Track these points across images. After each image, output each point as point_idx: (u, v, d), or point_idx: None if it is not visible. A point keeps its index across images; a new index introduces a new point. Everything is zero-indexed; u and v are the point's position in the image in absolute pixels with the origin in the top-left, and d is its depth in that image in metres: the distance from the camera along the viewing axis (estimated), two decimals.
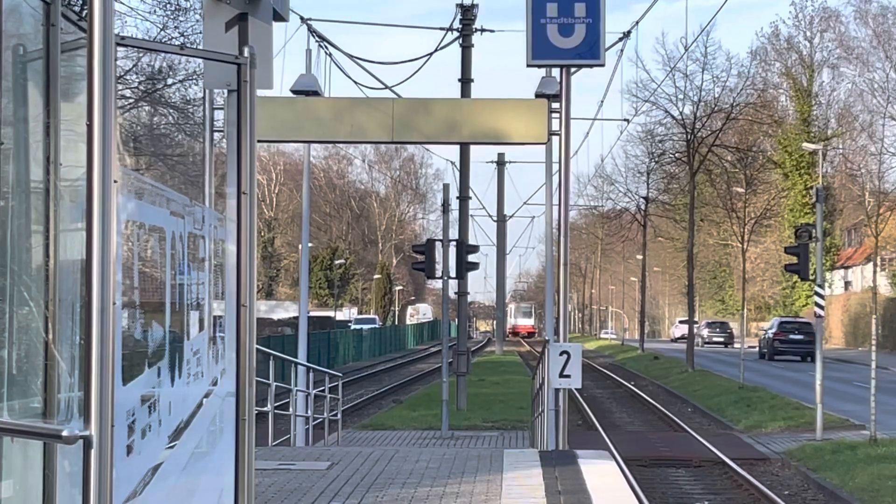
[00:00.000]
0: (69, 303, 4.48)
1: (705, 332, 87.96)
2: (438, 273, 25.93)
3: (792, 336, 64.07)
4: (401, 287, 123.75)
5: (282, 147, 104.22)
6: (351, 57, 35.23)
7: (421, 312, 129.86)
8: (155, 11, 35.07)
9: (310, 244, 36.26)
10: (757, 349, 69.73)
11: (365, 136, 19.69)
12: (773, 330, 65.64)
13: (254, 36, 9.42)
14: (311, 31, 30.34)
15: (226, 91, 10.34)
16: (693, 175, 52.64)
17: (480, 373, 51.39)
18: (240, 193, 5.13)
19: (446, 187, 26.98)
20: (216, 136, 16.72)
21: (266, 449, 16.89)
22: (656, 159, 61.69)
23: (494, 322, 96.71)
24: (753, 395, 37.07)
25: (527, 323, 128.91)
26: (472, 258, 27.77)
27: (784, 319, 68.75)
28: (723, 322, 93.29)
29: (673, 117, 55.58)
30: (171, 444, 4.99)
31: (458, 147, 38.10)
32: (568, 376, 16.68)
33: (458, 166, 39.26)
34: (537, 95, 21.30)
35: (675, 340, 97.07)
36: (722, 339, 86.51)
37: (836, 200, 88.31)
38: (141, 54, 33.65)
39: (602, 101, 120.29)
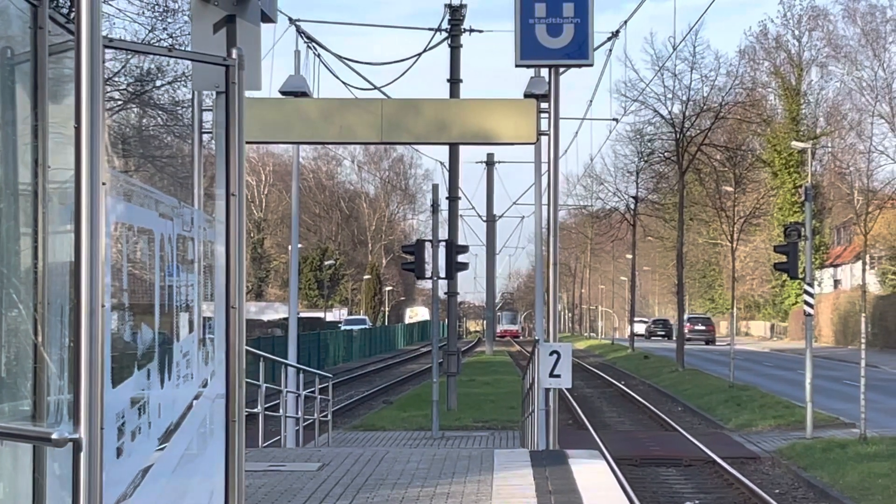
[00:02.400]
0: (58, 305, 4.48)
1: (652, 327, 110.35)
2: (428, 273, 25.92)
3: (696, 327, 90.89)
4: (391, 287, 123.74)
5: (271, 148, 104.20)
6: (339, 58, 35.21)
7: (420, 315, 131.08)
8: (143, 13, 35.04)
9: (299, 245, 36.26)
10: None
11: (354, 137, 19.68)
12: (685, 323, 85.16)
13: (242, 37, 9.41)
14: (300, 32, 30.33)
15: (214, 93, 10.34)
16: (682, 174, 52.67)
17: (471, 373, 51.39)
18: (228, 195, 5.13)
19: (435, 188, 26.98)
20: (205, 137, 16.71)
21: (256, 450, 16.88)
22: (645, 158, 61.72)
23: (484, 322, 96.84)
24: (744, 393, 37.12)
25: (512, 327, 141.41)
26: (461, 258, 27.76)
27: (691, 315, 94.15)
28: (665, 320, 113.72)
29: (662, 117, 55.65)
30: (162, 447, 4.99)
31: (447, 147, 38.09)
32: (558, 376, 16.68)
33: (448, 166, 39.26)
34: (526, 95, 21.30)
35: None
36: (663, 333, 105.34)
37: (825, 199, 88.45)
38: (129, 56, 33.61)
39: (591, 101, 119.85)
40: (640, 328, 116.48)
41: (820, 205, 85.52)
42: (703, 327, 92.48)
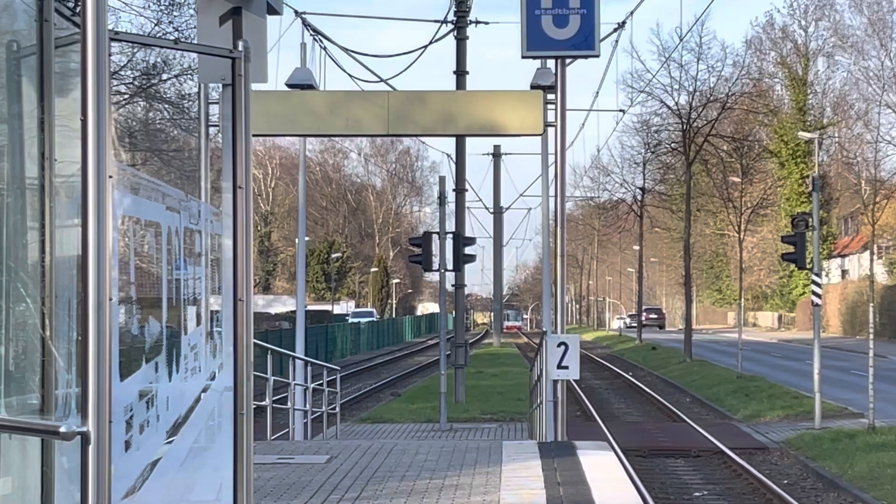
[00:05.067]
0: (66, 299, 4.47)
1: (627, 321, 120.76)
2: (435, 266, 25.91)
3: (651, 315, 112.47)
4: (398, 280, 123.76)
5: (278, 141, 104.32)
6: (346, 50, 35.17)
7: (430, 310, 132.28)
8: (149, 6, 35.18)
9: (306, 238, 36.26)
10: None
11: (360, 130, 19.69)
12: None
13: (248, 30, 9.41)
14: (306, 24, 30.28)
15: (220, 85, 10.33)
16: (689, 165, 52.60)
17: (478, 365, 51.40)
18: (235, 188, 5.12)
19: (442, 180, 26.98)
20: (211, 130, 16.70)
21: (265, 443, 16.89)
22: (652, 150, 61.64)
23: (492, 314, 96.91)
24: (751, 384, 37.09)
25: (515, 323, 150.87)
26: (468, 250, 27.74)
27: (647, 307, 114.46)
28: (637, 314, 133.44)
29: (668, 107, 55.61)
30: (170, 440, 4.98)
31: (453, 139, 38.09)
32: (566, 367, 16.68)
33: (454, 158, 39.29)
34: (533, 87, 21.26)
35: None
36: (636, 325, 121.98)
37: (833, 189, 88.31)
38: (135, 49, 33.68)
39: (597, 92, 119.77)
40: (621, 323, 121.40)
41: (827, 195, 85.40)
42: (656, 316, 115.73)
